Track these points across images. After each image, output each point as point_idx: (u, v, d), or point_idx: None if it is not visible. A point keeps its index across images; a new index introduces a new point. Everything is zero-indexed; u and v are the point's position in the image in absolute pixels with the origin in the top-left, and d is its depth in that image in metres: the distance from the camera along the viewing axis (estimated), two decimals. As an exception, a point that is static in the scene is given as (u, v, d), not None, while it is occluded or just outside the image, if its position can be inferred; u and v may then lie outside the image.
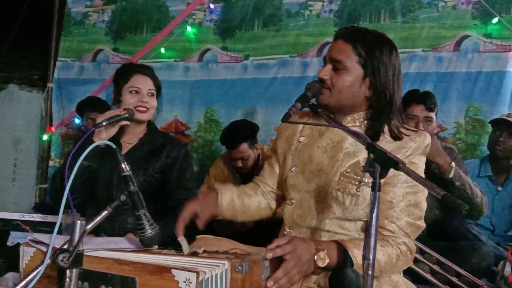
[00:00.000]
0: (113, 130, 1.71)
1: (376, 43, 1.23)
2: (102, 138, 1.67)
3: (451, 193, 1.83)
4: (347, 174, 1.22)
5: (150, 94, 1.81)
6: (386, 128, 1.23)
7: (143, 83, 1.81)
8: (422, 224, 1.23)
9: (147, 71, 1.86)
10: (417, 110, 2.17)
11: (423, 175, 1.20)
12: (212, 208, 1.32)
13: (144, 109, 1.78)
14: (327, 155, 1.27)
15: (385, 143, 1.21)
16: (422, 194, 1.22)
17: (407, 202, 1.20)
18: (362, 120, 1.27)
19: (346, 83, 1.22)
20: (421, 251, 1.88)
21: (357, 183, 1.19)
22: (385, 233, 1.18)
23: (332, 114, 1.27)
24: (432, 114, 2.20)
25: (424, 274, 1.79)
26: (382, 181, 0.93)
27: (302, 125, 1.37)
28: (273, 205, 1.47)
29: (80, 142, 1.53)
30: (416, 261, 1.83)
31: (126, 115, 1.71)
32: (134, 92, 1.79)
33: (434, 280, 1.79)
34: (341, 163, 1.24)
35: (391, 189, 1.20)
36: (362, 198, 1.20)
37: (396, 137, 1.22)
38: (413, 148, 1.22)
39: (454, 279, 1.80)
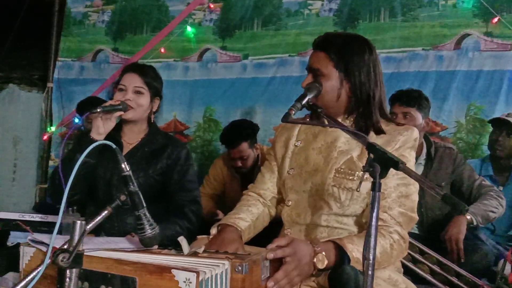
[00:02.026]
0: (110, 125, 1.70)
1: (347, 46, 1.30)
2: (99, 132, 1.67)
3: None
4: (341, 170, 1.26)
5: (136, 92, 1.77)
6: (371, 127, 1.28)
7: (129, 81, 1.78)
8: (415, 215, 1.25)
9: (139, 68, 1.82)
10: (395, 107, 2.25)
11: (413, 168, 1.26)
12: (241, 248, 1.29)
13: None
14: (322, 155, 1.31)
15: (375, 139, 1.26)
16: (414, 186, 1.25)
17: (398, 193, 1.23)
18: (349, 122, 1.32)
19: (327, 88, 1.28)
20: (421, 252, 1.88)
21: (351, 177, 1.24)
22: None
23: (321, 108, 1.29)
24: (411, 110, 2.21)
25: (424, 274, 1.79)
26: None
27: (297, 130, 1.42)
28: (273, 212, 1.48)
29: (71, 129, 1.52)
30: (416, 261, 1.83)
31: (120, 106, 1.70)
32: (120, 90, 1.78)
33: (434, 281, 1.79)
34: (335, 161, 1.28)
35: (382, 180, 1.21)
36: (358, 193, 1.23)
37: (379, 131, 1.28)
38: (402, 141, 1.26)
39: (454, 279, 1.80)
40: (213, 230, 1.33)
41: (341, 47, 1.30)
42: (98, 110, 1.63)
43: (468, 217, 2.01)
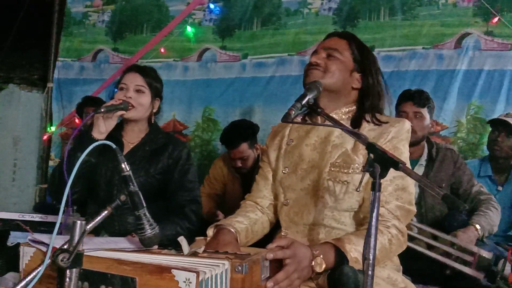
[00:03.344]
0: (111, 124, 1.70)
1: (364, 47, 1.40)
2: (100, 131, 1.68)
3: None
4: (336, 163, 1.27)
5: (137, 91, 1.78)
6: (369, 117, 1.33)
7: (131, 80, 1.79)
8: (413, 208, 1.26)
9: (140, 69, 1.84)
10: (407, 106, 2.24)
11: (408, 161, 1.27)
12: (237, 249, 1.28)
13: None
14: (317, 151, 1.32)
15: (368, 130, 1.29)
16: (410, 178, 1.23)
17: (395, 186, 1.23)
18: (345, 115, 1.35)
19: (340, 67, 1.32)
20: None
21: (346, 170, 1.25)
22: None
23: (321, 108, 1.31)
24: (422, 110, 2.22)
25: (421, 249, 1.81)
26: None
27: (289, 129, 1.43)
28: (272, 218, 1.47)
29: (77, 129, 1.57)
30: (411, 238, 1.84)
31: (122, 105, 1.71)
32: (122, 89, 1.79)
33: (431, 254, 1.81)
34: (330, 155, 1.29)
35: None
36: (353, 186, 1.24)
37: (376, 123, 1.33)
38: (394, 132, 1.28)
39: (450, 250, 1.82)
40: (210, 232, 1.33)
41: (361, 45, 1.38)
42: (102, 110, 1.64)
43: (479, 230, 2.00)
